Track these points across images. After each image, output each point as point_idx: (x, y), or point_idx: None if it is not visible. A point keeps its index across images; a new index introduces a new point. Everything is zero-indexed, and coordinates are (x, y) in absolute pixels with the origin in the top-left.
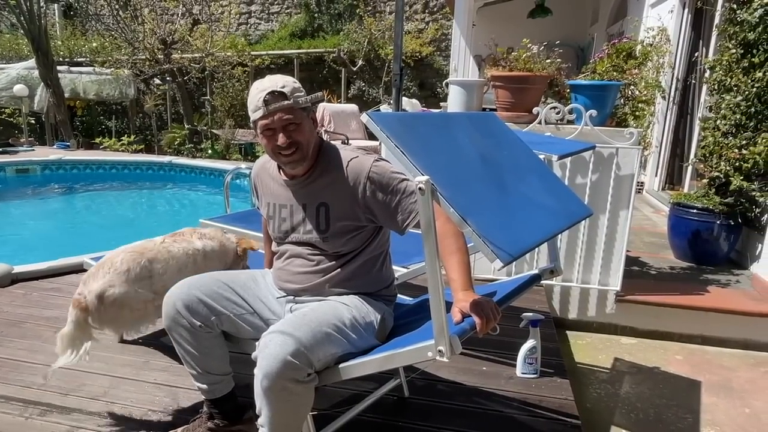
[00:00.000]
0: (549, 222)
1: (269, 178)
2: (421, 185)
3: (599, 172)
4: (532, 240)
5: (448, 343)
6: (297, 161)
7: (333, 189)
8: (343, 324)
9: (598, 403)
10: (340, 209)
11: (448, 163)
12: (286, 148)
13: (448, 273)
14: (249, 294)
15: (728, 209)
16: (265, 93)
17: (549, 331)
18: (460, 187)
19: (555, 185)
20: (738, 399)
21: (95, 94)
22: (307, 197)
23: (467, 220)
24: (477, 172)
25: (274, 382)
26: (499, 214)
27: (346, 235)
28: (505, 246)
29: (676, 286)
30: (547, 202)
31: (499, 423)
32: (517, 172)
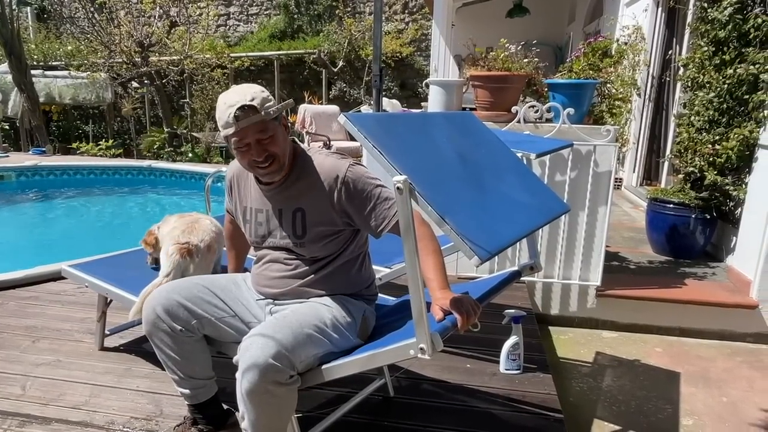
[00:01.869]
0: (527, 219)
1: (245, 181)
2: (399, 185)
3: (578, 169)
4: (510, 236)
5: (429, 340)
6: (275, 172)
7: (309, 194)
8: (324, 324)
9: (581, 397)
10: (316, 214)
11: (425, 163)
12: (263, 161)
13: (424, 274)
14: (230, 297)
15: (703, 203)
16: (234, 109)
17: (531, 327)
18: (438, 186)
19: (532, 183)
20: (716, 388)
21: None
22: (283, 202)
23: (445, 218)
24: (455, 171)
25: (256, 385)
26: (477, 212)
27: (323, 239)
28: (484, 243)
29: (655, 279)
30: (525, 200)
31: (483, 419)
32: (495, 171)
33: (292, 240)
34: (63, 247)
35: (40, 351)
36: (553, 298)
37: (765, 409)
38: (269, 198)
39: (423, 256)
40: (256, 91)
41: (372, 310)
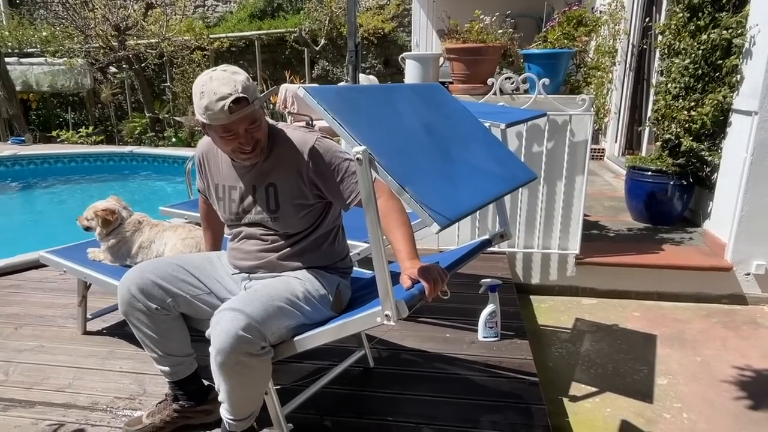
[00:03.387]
0: (491, 186)
1: (215, 158)
2: (358, 155)
3: (554, 139)
4: (473, 204)
5: (393, 307)
6: (256, 156)
7: (279, 169)
8: (296, 297)
9: (560, 361)
10: (288, 188)
11: (388, 134)
12: (251, 149)
13: (393, 246)
14: (204, 275)
15: (680, 170)
16: (228, 102)
17: (509, 296)
18: (399, 157)
19: (499, 152)
20: (690, 349)
21: (49, 86)
22: (255, 178)
23: (405, 187)
24: (419, 141)
25: (228, 357)
26: (440, 181)
27: (297, 214)
28: (443, 210)
29: (633, 246)
30: (491, 168)
31: (460, 385)
32: (461, 141)
33: (267, 215)
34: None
35: (23, 337)
36: (533, 267)
37: (736, 366)
38: (241, 175)
39: (393, 228)
40: (243, 79)
41: (347, 283)
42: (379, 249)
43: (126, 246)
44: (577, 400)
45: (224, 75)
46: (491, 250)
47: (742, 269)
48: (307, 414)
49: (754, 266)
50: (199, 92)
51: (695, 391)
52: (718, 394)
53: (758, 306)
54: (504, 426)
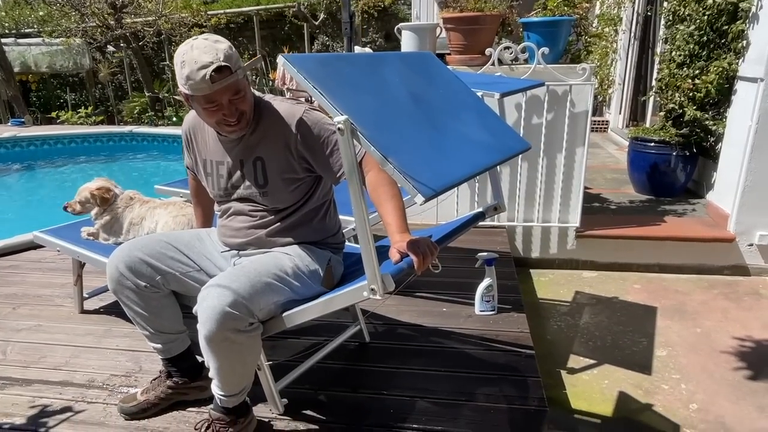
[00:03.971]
0: (481, 157)
1: (202, 133)
2: (339, 125)
3: (554, 110)
4: (461, 174)
5: (379, 281)
6: (242, 128)
7: (267, 142)
8: (284, 273)
9: (558, 334)
10: (276, 162)
11: (373, 103)
12: (236, 121)
13: (383, 219)
14: (194, 252)
15: (684, 140)
16: (209, 71)
17: (507, 270)
18: (384, 126)
19: (491, 122)
20: (690, 320)
21: (48, 67)
22: (243, 153)
23: (389, 158)
24: (406, 111)
25: (215, 333)
26: (426, 151)
27: (286, 188)
28: (429, 181)
29: (635, 218)
30: (481, 138)
31: (457, 359)
32: (451, 110)
33: (255, 190)
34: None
35: (21, 317)
36: (533, 241)
37: (737, 338)
38: (229, 150)
39: (383, 201)
40: (225, 48)
41: (338, 258)
42: (363, 223)
43: (118, 223)
44: (575, 372)
45: (205, 43)
46: (490, 224)
47: (745, 240)
48: (302, 389)
49: (757, 237)
50: (180, 62)
51: (694, 362)
52: (717, 365)
53: (761, 277)
54: (499, 398)
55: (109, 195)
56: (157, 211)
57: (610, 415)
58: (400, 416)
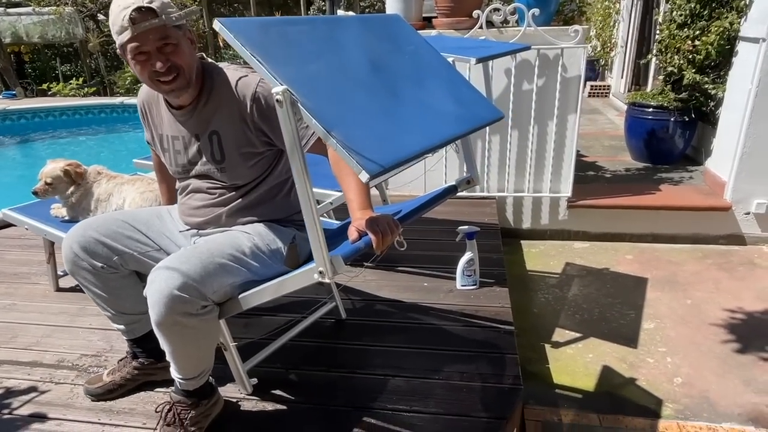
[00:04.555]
0: (446, 127)
1: (156, 106)
2: (278, 96)
3: (545, 76)
4: (419, 147)
5: (326, 263)
6: (180, 89)
7: (222, 115)
8: (241, 253)
9: (545, 307)
10: (232, 136)
11: (320, 72)
12: (166, 73)
13: (345, 195)
14: (153, 231)
15: (682, 105)
16: (130, 10)
17: (494, 242)
18: (332, 97)
19: (462, 90)
20: (681, 291)
21: (40, 37)
22: (197, 127)
23: (332, 132)
24: (362, 79)
25: (164, 318)
26: (380, 123)
27: (244, 163)
28: (377, 156)
29: (629, 187)
30: (448, 108)
31: (434, 335)
32: (415, 78)
33: (213, 166)
34: None
35: None
36: (524, 212)
37: (727, 309)
38: (183, 123)
39: (344, 176)
40: None
41: (305, 236)
42: (308, 202)
43: (86, 200)
44: (559, 346)
45: None
46: (480, 194)
47: (742, 208)
48: (273, 368)
49: (754, 205)
50: (111, 8)
51: (682, 334)
52: (705, 338)
53: (757, 246)
54: (473, 376)
55: (82, 170)
56: (124, 188)
57: (592, 389)
58: (370, 395)
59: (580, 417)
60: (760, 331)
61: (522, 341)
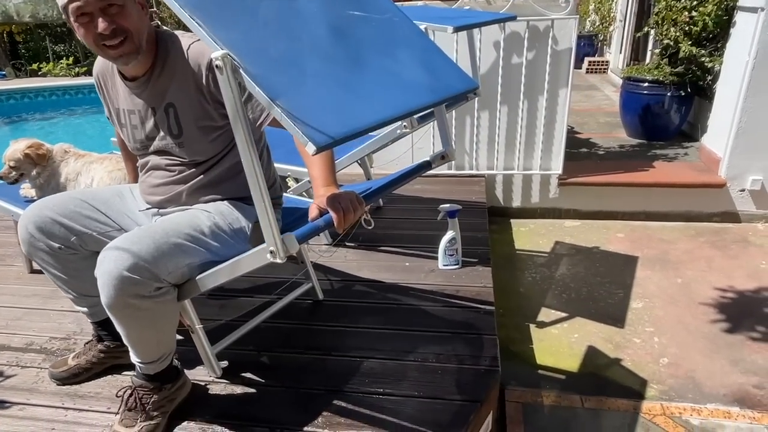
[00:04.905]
0: (411, 97)
1: (111, 79)
2: (217, 61)
3: (535, 49)
4: (378, 118)
5: (277, 242)
6: (128, 54)
7: (176, 86)
8: (200, 233)
9: (532, 286)
10: (189, 108)
11: (271, 36)
12: (111, 36)
13: (309, 172)
14: (113, 210)
15: (678, 79)
16: None
17: (480, 221)
18: (281, 64)
19: (433, 59)
20: (672, 270)
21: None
22: (152, 99)
23: (277, 101)
24: (319, 45)
25: (115, 300)
26: (334, 92)
27: (203, 138)
28: (327, 127)
29: (622, 164)
30: (415, 77)
31: (411, 316)
32: (381, 46)
33: (170, 141)
34: None
35: None
36: (514, 190)
37: (718, 288)
38: (138, 96)
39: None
40: None
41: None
42: (254, 178)
43: (55, 179)
44: (544, 326)
45: None
46: (469, 172)
47: (737, 185)
48: (245, 350)
49: (749, 181)
50: None
51: (671, 314)
52: (694, 317)
53: (751, 224)
54: (449, 358)
55: (44, 150)
56: (93, 166)
57: (575, 370)
58: (343, 378)
59: (562, 398)
60: (751, 311)
61: (507, 321)
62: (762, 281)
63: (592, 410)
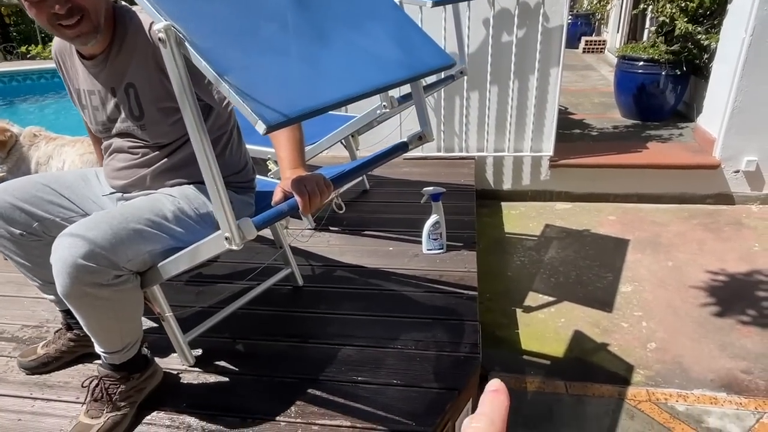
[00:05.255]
0: (379, 74)
1: (70, 59)
2: (160, 34)
3: (526, 26)
4: (340, 95)
5: (234, 228)
6: (86, 34)
7: (136, 65)
8: (162, 218)
9: (520, 270)
10: (149, 88)
11: (223, 8)
12: (67, 15)
13: (277, 154)
14: (77, 195)
15: (674, 58)
16: None
17: (468, 204)
18: (232, 37)
19: (407, 34)
20: (663, 253)
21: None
22: (112, 79)
23: (225, 76)
24: (279, 19)
25: (70, 289)
26: (293, 68)
27: (167, 119)
28: (281, 105)
29: (616, 145)
30: (387, 53)
31: (393, 302)
32: (351, 20)
33: (132, 123)
34: None
35: None
36: (504, 172)
37: (709, 271)
38: (96, 75)
39: (275, 134)
40: None
41: (246, 199)
42: (206, 161)
43: (25, 164)
44: (531, 311)
45: None
46: (459, 154)
47: (731, 166)
48: (220, 338)
49: (744, 162)
50: None
51: (660, 297)
52: (684, 301)
53: (745, 205)
54: (429, 344)
55: (6, 136)
56: (64, 149)
57: (561, 355)
58: (320, 366)
59: (546, 384)
60: (742, 294)
61: (494, 306)
62: (754, 264)
63: (576, 396)
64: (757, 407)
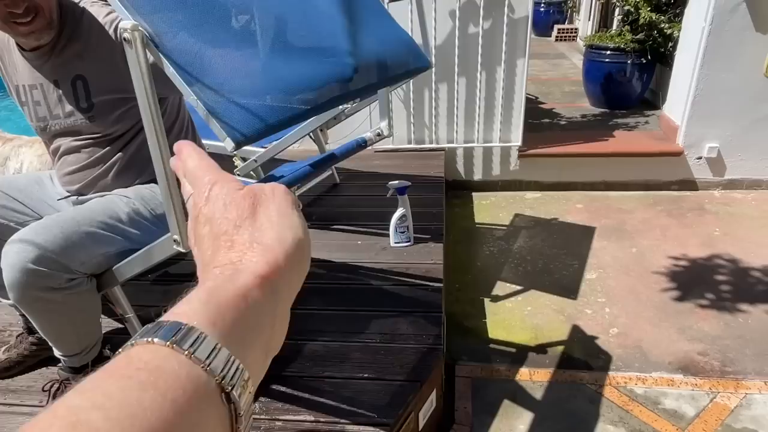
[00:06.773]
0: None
1: (8, 52)
2: (126, 33)
3: (491, 18)
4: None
5: (182, 229)
6: (40, 30)
7: (87, 56)
8: (116, 220)
9: (489, 260)
10: (100, 79)
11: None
12: (23, 14)
13: None
14: (31, 198)
15: (639, 46)
16: None
17: (436, 196)
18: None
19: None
20: (628, 240)
21: None
22: (56, 71)
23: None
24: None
25: (22, 294)
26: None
27: (115, 110)
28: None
29: (584, 134)
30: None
31: (359, 296)
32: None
33: (79, 116)
34: None
35: None
36: (475, 163)
37: (671, 256)
38: (39, 68)
39: None
40: None
41: None
42: (160, 161)
43: None
44: (498, 300)
45: None
46: (429, 146)
47: (694, 153)
48: None
49: (706, 149)
50: None
51: (623, 284)
52: (646, 287)
53: (708, 191)
54: (394, 337)
55: None
56: (22, 150)
57: (527, 343)
58: (284, 362)
59: (512, 372)
60: (702, 278)
61: (462, 296)
62: (714, 249)
63: (540, 383)
64: (711, 387)
